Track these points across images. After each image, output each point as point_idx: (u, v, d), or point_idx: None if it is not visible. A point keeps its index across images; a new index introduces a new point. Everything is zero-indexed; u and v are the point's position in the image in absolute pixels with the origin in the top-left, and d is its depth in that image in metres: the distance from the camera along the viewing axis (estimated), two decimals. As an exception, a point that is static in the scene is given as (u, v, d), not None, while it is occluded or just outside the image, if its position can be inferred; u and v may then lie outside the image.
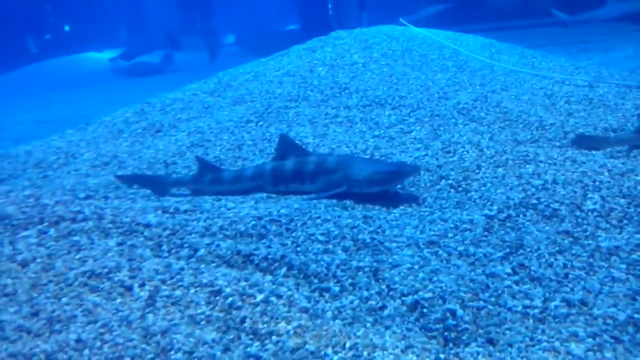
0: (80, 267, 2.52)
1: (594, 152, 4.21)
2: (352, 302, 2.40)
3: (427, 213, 3.33)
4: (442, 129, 4.82)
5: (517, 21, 14.66)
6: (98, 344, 2.03)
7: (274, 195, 3.82)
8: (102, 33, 21.16)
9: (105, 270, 2.50)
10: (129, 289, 2.39)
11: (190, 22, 20.84)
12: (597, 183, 3.51)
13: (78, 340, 2.04)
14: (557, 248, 2.84)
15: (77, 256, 2.63)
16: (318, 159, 3.84)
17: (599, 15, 12.70)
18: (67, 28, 18.23)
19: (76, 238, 2.82)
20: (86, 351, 1.99)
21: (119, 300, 2.31)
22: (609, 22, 12.47)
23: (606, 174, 3.65)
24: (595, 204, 3.26)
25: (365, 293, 2.46)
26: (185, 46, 17.84)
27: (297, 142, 4.26)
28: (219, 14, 22.31)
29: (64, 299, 2.30)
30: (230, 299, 2.33)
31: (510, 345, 2.17)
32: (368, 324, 2.27)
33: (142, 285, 2.41)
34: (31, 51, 19.30)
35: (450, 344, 2.19)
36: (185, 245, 2.83)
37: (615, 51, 10.45)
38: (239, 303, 2.31)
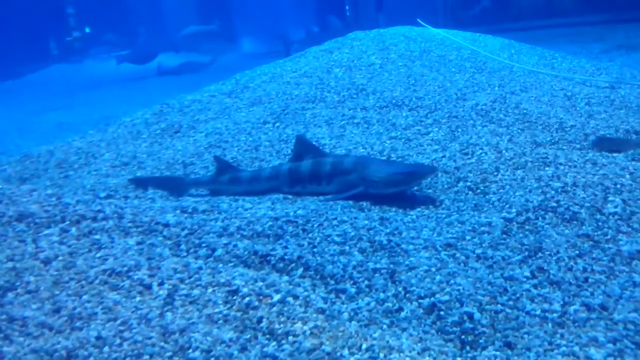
0: (100, 265, 2.56)
1: (615, 154, 4.14)
2: (368, 304, 2.40)
3: (444, 215, 3.31)
4: (460, 130, 4.79)
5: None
6: (117, 341, 2.06)
7: (290, 197, 3.83)
8: (122, 35, 21.44)
9: (125, 268, 2.53)
10: (148, 287, 2.42)
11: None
12: (619, 186, 3.45)
13: (98, 338, 2.07)
14: (577, 252, 2.80)
15: (98, 254, 2.67)
16: (334, 160, 3.84)
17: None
18: (87, 30, 18.51)
19: (97, 237, 2.87)
20: (106, 348, 2.02)
21: (138, 299, 2.34)
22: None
23: (627, 176, 3.59)
24: (616, 207, 3.21)
25: (382, 295, 2.46)
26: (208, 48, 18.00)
27: (313, 143, 4.27)
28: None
29: (85, 297, 2.34)
30: (247, 298, 2.34)
31: (529, 349, 2.15)
32: (384, 326, 2.27)
33: (160, 284, 2.44)
34: (52, 53, 19.66)
35: (467, 347, 2.18)
36: (204, 244, 2.85)
37: (638, 52, 10.27)
38: (256, 303, 2.32)
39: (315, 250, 2.80)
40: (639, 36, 11.94)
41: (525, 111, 5.13)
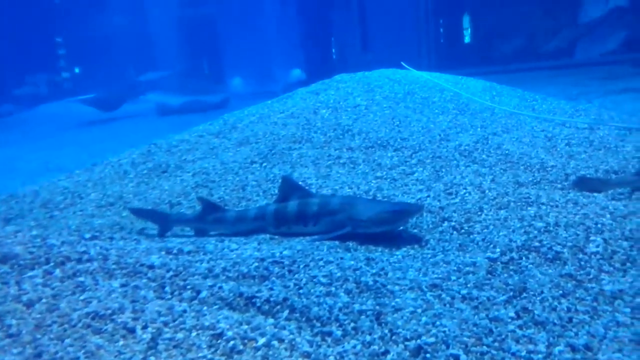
0: (84, 308, 2.53)
1: (595, 194, 4.23)
2: (354, 347, 2.39)
3: (430, 255, 3.33)
4: (444, 170, 4.87)
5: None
6: (99, 387, 2.02)
7: (276, 237, 3.84)
8: (111, 75, 21.68)
9: (109, 311, 2.50)
10: (132, 331, 2.39)
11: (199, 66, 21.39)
12: (599, 225, 3.52)
13: (79, 384, 2.03)
14: (561, 291, 2.83)
15: (82, 297, 2.64)
16: (321, 201, 3.87)
17: None
18: (77, 70, 18.70)
19: (81, 279, 2.84)
20: (87, 395, 1.98)
21: (121, 343, 2.31)
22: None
23: (608, 216, 3.66)
24: (597, 246, 3.26)
25: (368, 337, 2.45)
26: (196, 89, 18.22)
27: (300, 183, 4.31)
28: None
29: (67, 341, 2.30)
30: (231, 342, 2.32)
31: (515, 391, 2.14)
32: (371, 369, 2.26)
33: (144, 327, 2.41)
34: (42, 92, 19.76)
35: (454, 390, 2.17)
36: (188, 287, 2.83)
37: (615, 94, 10.60)
38: (241, 347, 2.30)
39: (301, 291, 2.80)
40: (615, 77, 12.36)
41: (507, 152, 5.25)
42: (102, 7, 23.63)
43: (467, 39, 18.73)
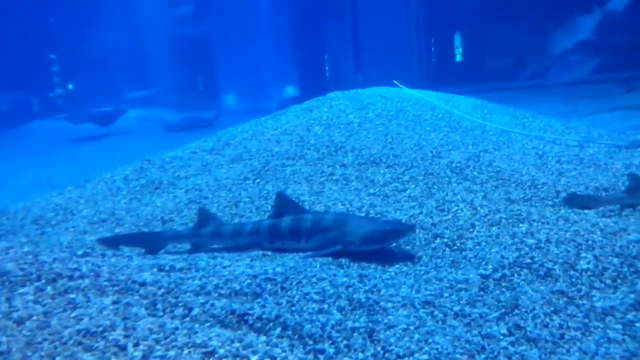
0: (75, 325, 2.51)
1: (586, 211, 4.27)
2: (347, 364, 2.39)
3: (422, 272, 3.34)
4: (436, 187, 4.91)
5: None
6: (89, 406, 2.00)
7: (269, 253, 3.84)
8: (105, 92, 21.74)
9: (100, 329, 2.48)
10: (123, 348, 2.37)
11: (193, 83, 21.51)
12: (590, 242, 3.55)
13: (69, 403, 2.01)
14: (553, 308, 2.85)
15: (73, 314, 2.62)
16: (314, 217, 3.89)
17: None
18: (70, 87, 18.74)
19: (72, 296, 2.82)
20: (77, 414, 1.96)
21: (112, 361, 2.29)
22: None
23: (598, 233, 3.70)
24: (588, 263, 3.29)
25: (361, 355, 2.44)
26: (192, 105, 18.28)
27: (294, 199, 4.32)
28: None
29: (58, 358, 2.28)
30: (224, 360, 2.31)
31: (507, 408, 2.14)
32: (363, 386, 2.25)
33: (136, 344, 2.39)
34: (34, 109, 19.75)
35: (447, 407, 2.16)
36: (180, 304, 2.82)
37: (604, 112, 10.75)
38: (233, 364, 2.29)
39: (293, 308, 2.79)
40: (604, 96, 12.54)
41: (498, 169, 5.29)
42: (95, 25, 23.79)
43: (458, 58, 18.97)
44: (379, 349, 2.48)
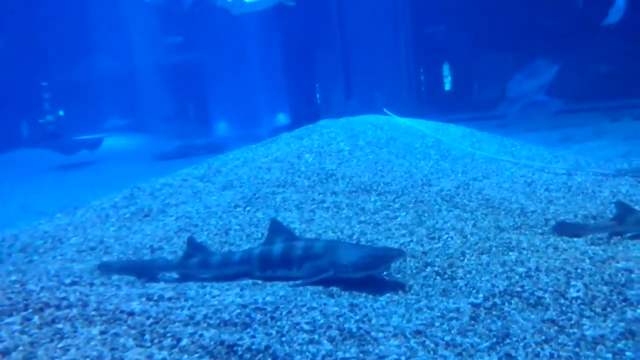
0: (62, 356, 2.47)
1: (575, 239, 4.30)
2: (338, 395, 2.35)
3: (413, 301, 3.33)
4: (426, 215, 4.93)
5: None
6: None
7: (260, 282, 3.81)
8: (94, 119, 21.82)
9: (87, 360, 2.44)
10: (110, 381, 2.33)
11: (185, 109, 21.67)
12: (579, 270, 3.57)
13: None
14: (543, 337, 2.84)
15: (60, 345, 2.58)
16: (306, 244, 3.88)
17: None
18: (61, 113, 18.74)
19: (60, 326, 2.78)
20: None
21: (98, 393, 2.25)
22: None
23: (587, 261, 3.72)
24: (578, 291, 3.30)
25: (352, 385, 2.42)
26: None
27: (285, 226, 4.31)
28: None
29: (42, 392, 2.23)
30: (213, 391, 2.27)
31: None
32: (354, 419, 2.22)
33: (123, 377, 2.35)
34: (23, 135, 19.69)
35: None
36: (169, 334, 2.78)
37: (591, 140, 10.92)
38: (222, 396, 2.25)
39: (283, 339, 2.76)
40: (591, 124, 12.75)
41: (488, 197, 5.33)
42: (89, 52, 23.98)
43: (447, 87, 19.29)
44: (370, 379, 2.45)
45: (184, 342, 2.71)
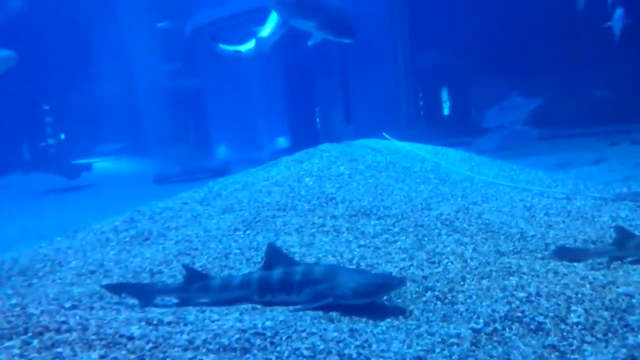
0: (59, 382, 2.45)
1: (575, 264, 4.30)
2: (338, 422, 2.34)
3: (414, 326, 3.32)
4: (426, 239, 4.93)
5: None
6: None
7: (259, 306, 3.79)
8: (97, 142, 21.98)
9: (85, 386, 2.43)
10: (108, 407, 2.31)
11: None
12: (580, 295, 3.56)
13: None
14: (544, 363, 2.83)
15: (58, 370, 2.57)
16: (305, 269, 3.87)
17: None
18: (62, 136, 18.86)
19: (59, 350, 2.77)
20: None
21: (96, 420, 2.23)
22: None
23: (588, 286, 3.71)
24: (579, 317, 3.29)
25: (352, 412, 2.40)
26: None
27: (284, 251, 4.31)
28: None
29: (40, 418, 2.22)
30: (212, 418, 2.25)
31: None
32: None
33: (122, 402, 2.34)
34: (24, 159, 19.77)
35: None
36: (168, 359, 2.77)
37: (590, 165, 10.97)
38: (222, 423, 2.23)
39: (283, 364, 2.75)
40: (589, 149, 12.82)
41: (487, 221, 5.35)
42: (91, 77, 24.26)
43: (446, 111, 19.46)
44: (370, 406, 2.43)
45: (183, 367, 2.69)
